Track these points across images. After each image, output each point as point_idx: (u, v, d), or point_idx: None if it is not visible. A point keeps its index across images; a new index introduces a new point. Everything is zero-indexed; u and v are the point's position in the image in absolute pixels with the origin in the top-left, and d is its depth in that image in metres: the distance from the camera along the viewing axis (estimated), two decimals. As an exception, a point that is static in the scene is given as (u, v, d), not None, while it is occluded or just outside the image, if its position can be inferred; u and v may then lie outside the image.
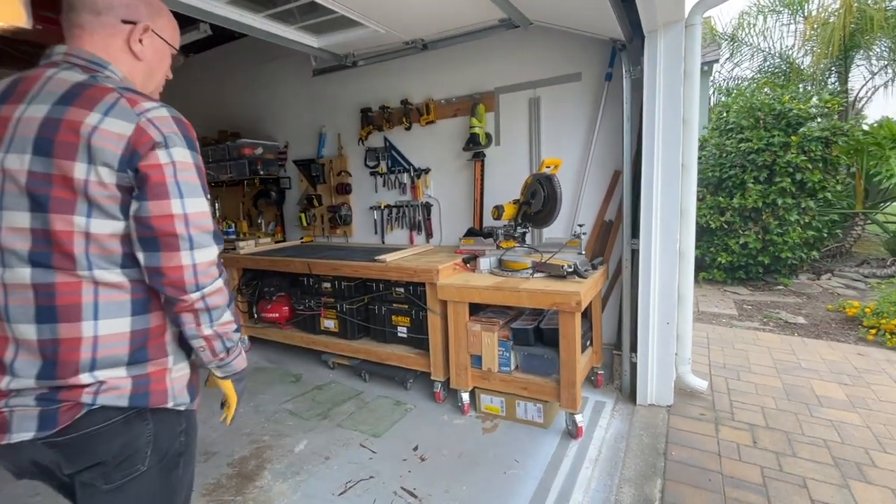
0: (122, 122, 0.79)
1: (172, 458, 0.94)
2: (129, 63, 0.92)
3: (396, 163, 3.63)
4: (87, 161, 0.77)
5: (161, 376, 0.89)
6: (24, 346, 0.80)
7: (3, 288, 0.80)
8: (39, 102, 0.79)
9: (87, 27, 0.88)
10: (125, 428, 0.85)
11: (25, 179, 0.78)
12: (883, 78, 6.44)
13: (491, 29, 2.77)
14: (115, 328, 0.83)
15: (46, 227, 0.78)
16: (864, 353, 3.30)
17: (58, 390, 0.80)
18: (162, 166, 0.81)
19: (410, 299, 2.80)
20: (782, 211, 4.79)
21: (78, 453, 0.83)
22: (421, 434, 2.40)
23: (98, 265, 0.81)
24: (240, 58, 4.42)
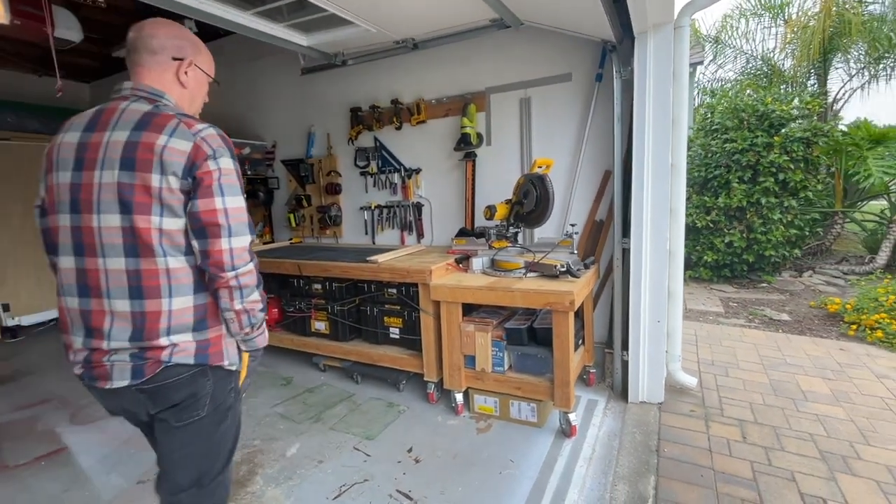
0: (184, 141, 1.02)
1: (223, 411, 1.17)
2: (177, 91, 1.17)
3: (387, 163, 3.61)
4: (160, 172, 1.00)
5: (218, 341, 1.13)
6: (118, 316, 1.04)
7: (105, 273, 1.04)
8: (120, 129, 1.03)
9: (145, 65, 1.12)
10: (192, 380, 1.09)
11: (116, 189, 1.01)
12: (860, 80, 6.64)
13: (482, 29, 2.77)
14: (182, 304, 1.07)
15: (132, 225, 1.01)
16: (846, 349, 3.39)
17: (145, 350, 1.05)
18: (211, 172, 1.03)
19: (403, 300, 2.79)
20: (766, 210, 4.90)
21: (159, 397, 1.08)
22: (415, 436, 2.39)
23: (169, 253, 1.04)
24: (226, 56, 4.34)
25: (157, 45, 1.12)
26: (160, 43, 1.12)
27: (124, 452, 2.36)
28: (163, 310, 1.04)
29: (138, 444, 2.42)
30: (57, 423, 2.71)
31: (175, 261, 1.05)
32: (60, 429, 2.64)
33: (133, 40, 1.12)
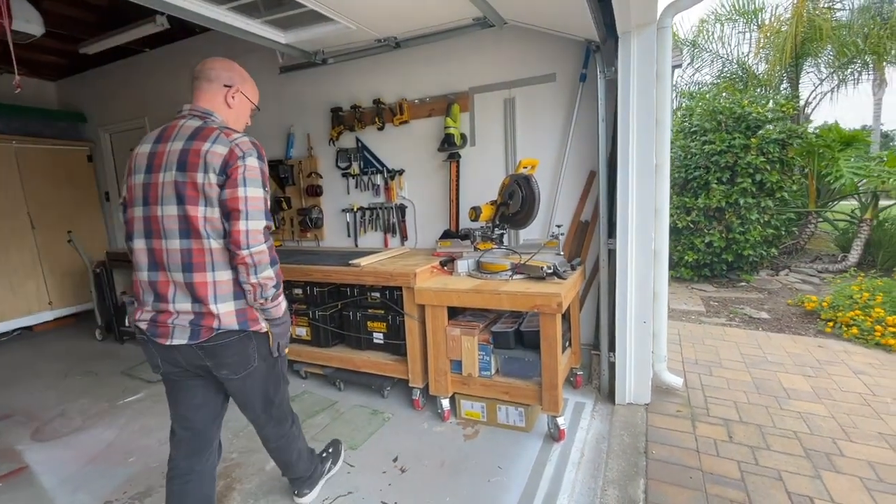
0: (222, 147, 1.31)
1: (272, 361, 1.51)
2: (225, 111, 1.48)
3: (369, 164, 3.54)
4: (204, 171, 1.28)
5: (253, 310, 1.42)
6: (178, 286, 1.33)
7: (166, 252, 1.33)
8: (178, 140, 1.33)
9: (203, 90, 1.45)
10: (240, 343, 1.40)
11: (174, 186, 1.30)
12: (829, 84, 6.86)
13: (465, 28, 2.73)
14: (223, 277, 1.35)
15: (185, 214, 1.30)
16: (824, 345, 3.46)
17: (201, 316, 1.34)
18: (238, 168, 1.30)
19: (387, 304, 2.72)
20: (744, 210, 4.99)
21: (214, 356, 1.38)
22: (400, 444, 2.32)
23: (211, 236, 1.32)
24: (201, 53, 4.20)
25: (213, 76, 1.46)
26: (216, 74, 1.47)
27: (91, 471, 2.23)
28: (208, 281, 1.34)
29: (106, 461, 2.29)
30: (18, 440, 2.55)
31: (216, 242, 1.34)
32: (21, 446, 2.48)
33: (197, 71, 1.47)
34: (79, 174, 5.02)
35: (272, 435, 1.68)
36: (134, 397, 3.01)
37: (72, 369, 3.58)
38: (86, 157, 5.09)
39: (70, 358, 3.85)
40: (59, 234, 4.59)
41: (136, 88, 4.76)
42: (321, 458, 1.98)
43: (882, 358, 3.19)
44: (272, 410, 1.61)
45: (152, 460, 2.29)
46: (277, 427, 1.66)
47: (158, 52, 4.49)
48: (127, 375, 3.41)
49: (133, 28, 3.36)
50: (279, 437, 1.69)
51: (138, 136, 4.75)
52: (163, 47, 4.42)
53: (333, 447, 2.10)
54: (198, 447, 1.55)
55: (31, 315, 4.50)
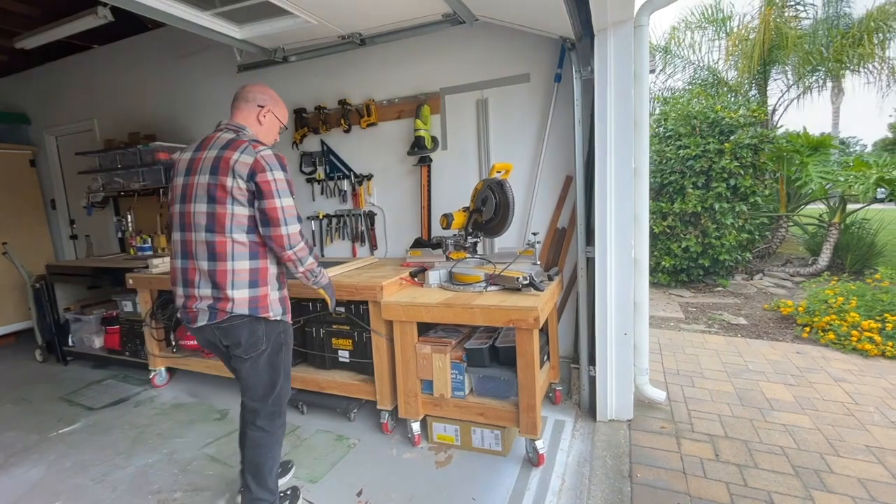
0: (249, 157, 1.50)
1: (278, 346, 1.67)
2: (256, 127, 1.70)
3: (335, 168, 3.33)
4: (232, 177, 1.50)
5: (265, 298, 1.60)
6: (202, 273, 1.56)
7: (194, 243, 1.56)
8: (213, 149, 1.55)
9: (240, 108, 1.70)
10: (250, 326, 1.59)
11: (206, 186, 1.52)
12: (796, 91, 7.01)
13: (434, 25, 2.58)
14: (241, 266, 1.55)
15: (213, 212, 1.52)
16: (802, 352, 3.42)
17: (217, 300, 1.55)
18: (269, 182, 1.51)
19: (352, 320, 2.51)
20: (719, 215, 4.99)
21: (228, 336, 1.59)
22: (366, 475, 2.11)
23: (235, 231, 1.53)
24: (155, 50, 3.93)
25: (250, 97, 1.71)
26: (252, 95, 1.71)
27: None
28: (227, 269, 1.54)
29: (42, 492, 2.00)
30: (-73, 483, 2.22)
31: (238, 236, 1.54)
32: (-70, 491, 2.16)
33: (237, 92, 1.72)
34: (20, 180, 4.62)
35: (263, 425, 1.72)
36: (69, 428, 2.70)
37: (3, 396, 3.22)
38: (28, 161, 4.70)
39: (4, 382, 3.48)
40: (-4, 245, 4.19)
41: (84, 88, 4.42)
42: (280, 497, 1.84)
43: (860, 363, 3.16)
44: (270, 398, 1.71)
45: (83, 502, 2.01)
46: (269, 420, 1.73)
47: (108, 49, 4.18)
48: (66, 401, 3.09)
49: (74, 20, 3.07)
50: (267, 431, 1.73)
51: (87, 139, 4.42)
52: (113, 44, 4.12)
53: (293, 493, 1.93)
54: None
55: (-37, 335, 4.09)
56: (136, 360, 3.38)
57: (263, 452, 1.72)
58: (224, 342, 1.61)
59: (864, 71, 6.65)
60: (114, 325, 3.49)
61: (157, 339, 3.17)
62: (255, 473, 1.72)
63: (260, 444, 1.71)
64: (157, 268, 3.13)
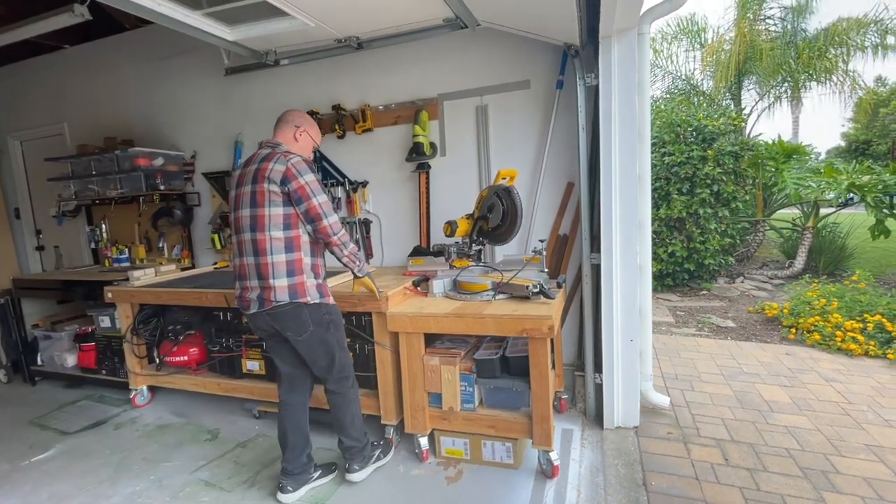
0: (282, 166, 1.77)
1: (325, 324, 1.91)
2: (292, 143, 1.96)
3: (329, 175, 3.23)
4: (268, 182, 1.77)
5: (303, 285, 1.83)
6: (250, 267, 1.83)
7: (244, 242, 1.84)
8: (255, 163, 1.84)
9: (281, 128, 1.97)
10: (294, 311, 1.83)
11: (249, 194, 1.81)
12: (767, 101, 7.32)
13: (435, 29, 2.54)
14: (278, 258, 1.79)
15: (255, 214, 1.80)
16: (791, 353, 3.51)
17: (263, 290, 1.81)
18: (303, 186, 1.77)
19: (353, 332, 2.41)
20: (703, 220, 5.11)
21: (277, 321, 1.85)
22: (374, 494, 2.02)
23: (273, 229, 1.79)
24: (134, 51, 3.75)
25: (290, 119, 1.98)
26: (292, 118, 1.98)
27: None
28: (268, 262, 1.78)
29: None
30: None
31: (275, 233, 1.78)
32: None
33: (281, 116, 1.99)
34: (-19, 188, 4.32)
35: (334, 388, 2.01)
36: (43, 455, 2.50)
37: (-36, 422, 2.96)
38: (-10, 167, 4.40)
39: (-36, 407, 3.21)
40: (-45, 257, 3.89)
41: (53, 90, 4.18)
42: (372, 443, 2.17)
43: (846, 363, 3.26)
44: (334, 367, 1.96)
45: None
46: (338, 384, 2.00)
47: (79, 50, 3.97)
48: (37, 426, 2.86)
49: (46, 18, 2.88)
50: (339, 392, 2.01)
51: (57, 144, 4.17)
52: (86, 44, 3.91)
53: (385, 442, 2.26)
54: (290, 386, 2.04)
55: (-84, 355, 3.75)
56: (114, 379, 3.17)
57: (342, 410, 2.03)
58: (275, 326, 1.86)
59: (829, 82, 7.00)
60: (89, 342, 3.27)
61: (138, 355, 2.98)
62: (341, 428, 2.05)
63: (337, 405, 2.03)
64: (138, 280, 2.96)
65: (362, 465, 2.07)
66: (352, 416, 2.04)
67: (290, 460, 2.00)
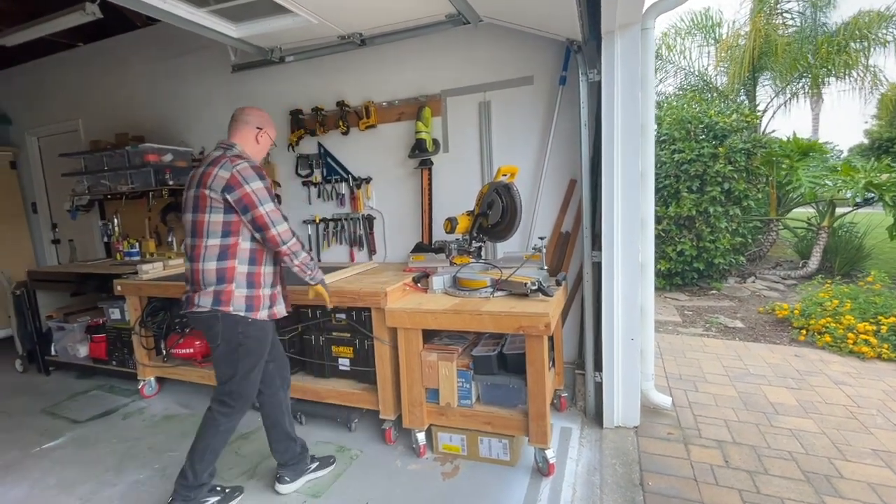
0: (226, 173, 1.69)
1: (234, 346, 1.77)
2: (252, 145, 1.88)
3: (333, 171, 3.26)
4: (209, 188, 1.69)
5: (229, 294, 1.73)
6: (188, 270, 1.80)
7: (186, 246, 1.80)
8: (204, 166, 1.75)
9: (239, 129, 1.86)
10: (209, 319, 1.74)
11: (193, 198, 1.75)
12: (783, 97, 7.14)
13: (437, 25, 2.53)
14: (209, 266, 1.73)
15: (196, 219, 1.74)
16: (800, 355, 3.43)
17: (192, 293, 1.77)
18: (249, 194, 1.69)
19: (353, 327, 2.44)
20: (713, 219, 5.03)
21: (196, 323, 1.92)
22: (370, 487, 2.04)
23: (211, 236, 1.72)
24: (144, 49, 3.81)
25: (249, 119, 1.88)
26: (251, 118, 1.88)
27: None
28: (199, 268, 1.73)
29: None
30: None
31: (212, 240, 1.72)
32: None
33: (237, 114, 1.88)
34: (0, 182, 4.44)
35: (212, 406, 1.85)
36: (53, 443, 2.57)
37: (-19, 409, 3.07)
38: (8, 163, 4.53)
39: (-18, 395, 3.32)
40: (-26, 250, 4.02)
41: (68, 87, 4.28)
42: (212, 487, 1.93)
43: (858, 366, 3.18)
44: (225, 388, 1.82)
45: (73, 523, 1.90)
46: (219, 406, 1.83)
47: (94, 48, 4.05)
48: (49, 414, 2.94)
49: (59, 16, 2.95)
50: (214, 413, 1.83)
51: (72, 140, 4.27)
52: (99, 42, 3.99)
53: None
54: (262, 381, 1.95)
55: (-63, 344, 3.90)
56: (124, 370, 3.25)
57: (203, 432, 1.83)
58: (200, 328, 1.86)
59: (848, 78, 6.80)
60: (100, 334, 3.35)
61: (146, 347, 3.05)
62: (190, 451, 1.83)
63: (204, 425, 1.85)
64: (146, 274, 3.02)
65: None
66: (204, 447, 1.81)
67: (280, 452, 2.02)
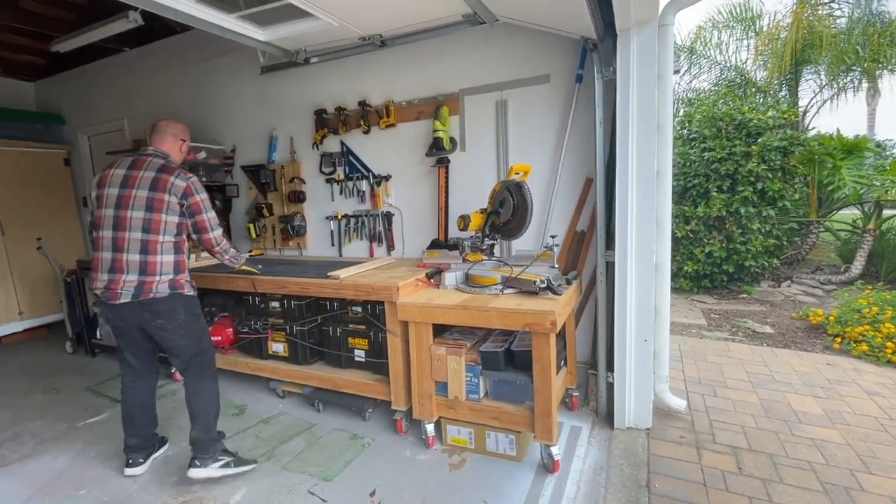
0: (182, 182, 2.01)
1: (194, 314, 2.14)
2: (177, 154, 2.20)
3: (354, 169, 3.36)
4: (169, 193, 1.97)
5: (182, 280, 2.07)
6: (131, 263, 1.96)
7: (127, 240, 1.95)
8: (148, 170, 2.00)
9: (165, 139, 2.16)
10: (170, 300, 2.02)
11: (145, 199, 1.96)
12: (829, 92, 6.75)
13: (454, 25, 2.57)
14: (167, 259, 2.00)
15: (150, 218, 1.96)
16: (833, 363, 3.28)
17: (143, 283, 1.96)
18: (198, 202, 2.05)
19: (368, 319, 2.53)
20: (745, 220, 4.84)
21: (151, 310, 2.00)
22: (379, 475, 2.11)
23: (165, 232, 1.99)
24: (183, 53, 4.04)
25: (171, 131, 2.19)
26: (174, 131, 2.20)
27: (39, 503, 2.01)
28: (157, 260, 1.98)
29: (52, 494, 2.07)
30: (-39, 468, 2.33)
31: (167, 237, 2.00)
32: (-36, 475, 2.26)
33: (161, 125, 2.18)
34: (54, 178, 4.81)
35: (194, 380, 2.15)
36: (96, 418, 2.79)
37: (34, 385, 3.35)
38: (62, 160, 4.89)
39: (36, 372, 3.62)
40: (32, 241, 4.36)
41: (115, 89, 4.57)
42: (224, 449, 2.18)
43: (895, 377, 3.01)
44: (198, 357, 2.14)
45: (105, 493, 2.07)
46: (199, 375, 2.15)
47: (138, 52, 4.31)
48: (93, 392, 3.19)
49: (105, 24, 3.18)
50: (198, 383, 2.15)
51: (118, 139, 4.56)
52: (143, 47, 4.25)
53: (240, 459, 2.20)
54: (137, 375, 2.21)
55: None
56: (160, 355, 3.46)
57: (198, 401, 2.13)
58: (144, 315, 2.01)
59: (902, 71, 6.36)
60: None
61: (179, 334, 3.24)
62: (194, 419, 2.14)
63: (194, 396, 2.13)
64: (180, 265, 3.21)
65: (204, 463, 2.06)
66: (206, 410, 2.13)
67: (138, 436, 2.21)
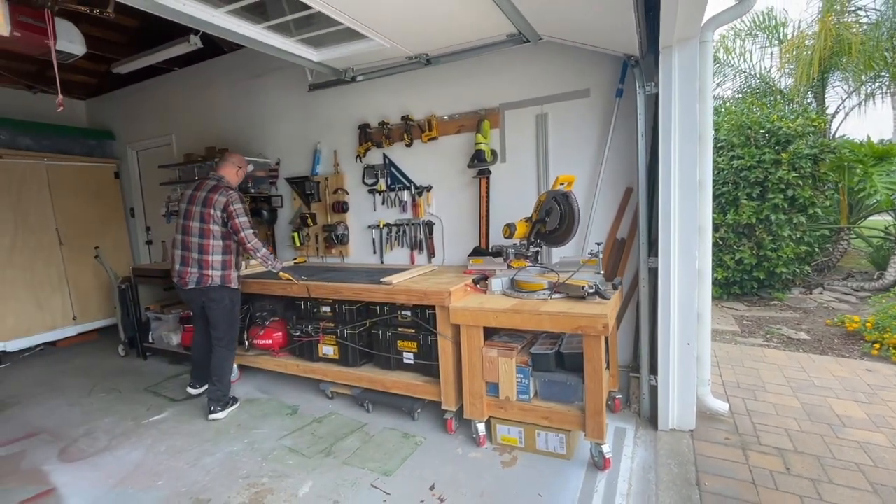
0: (223, 198, 2.80)
1: (235, 303, 2.98)
2: (233, 177, 3.01)
3: (396, 180, 3.51)
4: (213, 208, 2.79)
5: (230, 275, 2.89)
6: (194, 260, 2.83)
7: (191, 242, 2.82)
8: (204, 191, 2.85)
9: (225, 167, 2.99)
10: (220, 290, 2.86)
11: (199, 213, 2.81)
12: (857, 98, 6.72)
13: (499, 45, 2.71)
14: (216, 257, 2.83)
15: (203, 227, 2.81)
16: (873, 369, 3.28)
17: (202, 276, 2.82)
18: (233, 210, 2.80)
19: (418, 323, 2.65)
20: (775, 226, 4.85)
21: (207, 294, 2.85)
22: (436, 471, 2.22)
23: (213, 238, 2.81)
24: (229, 71, 4.27)
25: (232, 161, 3.00)
26: (234, 161, 3.01)
27: (120, 493, 2.17)
28: (210, 259, 2.79)
29: (135, 484, 2.23)
30: (45, 459, 2.51)
31: (215, 242, 2.80)
32: (48, 466, 2.44)
33: (225, 155, 3.03)
34: (106, 190, 5.09)
35: (223, 346, 2.92)
36: (159, 416, 2.96)
37: (95, 386, 3.55)
38: (113, 173, 5.17)
39: (93, 374, 3.83)
40: (85, 249, 4.63)
41: (162, 106, 4.84)
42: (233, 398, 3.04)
43: (938, 383, 3.01)
44: (229, 332, 2.94)
45: (181, 484, 2.22)
46: (227, 344, 2.94)
47: (185, 72, 4.57)
48: (151, 393, 3.37)
49: (166, 48, 3.42)
50: (225, 349, 2.93)
51: (165, 153, 4.82)
52: (190, 67, 4.50)
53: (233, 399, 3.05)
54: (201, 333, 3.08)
55: (55, 330, 4.52)
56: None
57: (222, 362, 2.91)
58: (202, 298, 2.85)
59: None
60: (190, 325, 3.78)
61: (231, 337, 3.42)
62: (219, 376, 2.90)
63: (220, 357, 2.91)
64: (233, 271, 3.39)
65: (221, 408, 2.90)
66: (226, 369, 2.93)
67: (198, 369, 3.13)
